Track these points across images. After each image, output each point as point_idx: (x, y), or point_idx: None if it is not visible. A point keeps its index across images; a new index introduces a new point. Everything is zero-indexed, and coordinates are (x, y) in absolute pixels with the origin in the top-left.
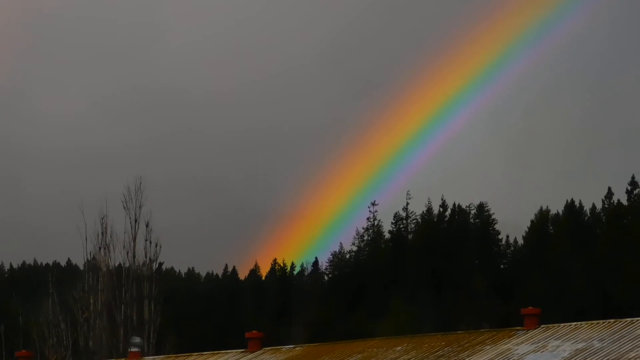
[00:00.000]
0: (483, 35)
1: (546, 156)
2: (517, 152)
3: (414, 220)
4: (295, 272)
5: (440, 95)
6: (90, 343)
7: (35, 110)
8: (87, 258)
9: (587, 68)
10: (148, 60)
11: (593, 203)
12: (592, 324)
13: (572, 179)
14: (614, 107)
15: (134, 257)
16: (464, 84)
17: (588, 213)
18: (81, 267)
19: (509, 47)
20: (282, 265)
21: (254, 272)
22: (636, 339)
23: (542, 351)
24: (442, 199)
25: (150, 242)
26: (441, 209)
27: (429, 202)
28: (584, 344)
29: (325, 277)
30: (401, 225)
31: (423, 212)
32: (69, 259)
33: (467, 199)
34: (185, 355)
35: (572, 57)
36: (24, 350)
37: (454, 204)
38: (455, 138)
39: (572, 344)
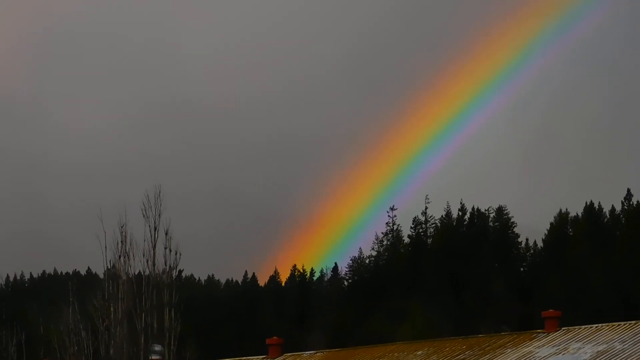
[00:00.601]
0: (499, 37)
1: (565, 158)
2: (535, 154)
3: (433, 224)
4: (314, 278)
5: (457, 99)
6: (111, 351)
7: (56, 124)
8: (107, 266)
9: (603, 69)
10: (166, 72)
11: (612, 205)
12: (613, 325)
13: (590, 180)
14: (632, 107)
15: (153, 265)
16: (480, 86)
17: (607, 215)
18: (101, 276)
19: (524, 49)
20: (301, 271)
21: (274, 278)
22: None
23: (564, 354)
24: (461, 203)
25: (170, 250)
26: (460, 213)
27: (448, 206)
28: (605, 346)
29: (345, 283)
30: (420, 230)
31: (442, 216)
32: (88, 267)
33: (486, 202)
34: None
35: (588, 58)
36: (45, 359)
37: (473, 208)
38: (472, 141)
39: (593, 346)
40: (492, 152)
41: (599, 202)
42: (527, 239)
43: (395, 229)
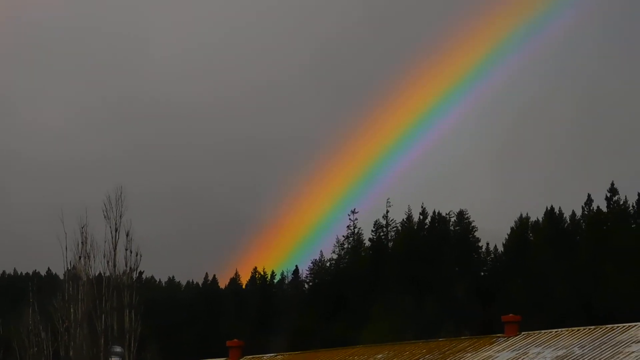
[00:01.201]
0: (467, 41)
1: (526, 164)
2: (497, 160)
3: (394, 228)
4: (275, 281)
5: (422, 104)
6: (71, 352)
7: (19, 120)
8: (67, 267)
9: (573, 78)
10: (131, 71)
11: (573, 210)
12: (572, 330)
13: (552, 186)
14: (597, 114)
15: (114, 266)
16: (446, 92)
17: (568, 220)
18: (61, 277)
19: (494, 53)
20: (262, 273)
21: (234, 280)
22: (617, 346)
23: (523, 358)
24: (422, 207)
25: (131, 251)
26: (421, 217)
27: (409, 210)
28: (565, 350)
29: (306, 285)
30: (381, 233)
31: (403, 219)
32: (49, 268)
33: (447, 207)
34: None
35: (558, 64)
36: None
37: (434, 212)
38: (435, 146)
39: (552, 350)
40: (455, 158)
41: (560, 207)
42: (487, 244)
43: (356, 232)
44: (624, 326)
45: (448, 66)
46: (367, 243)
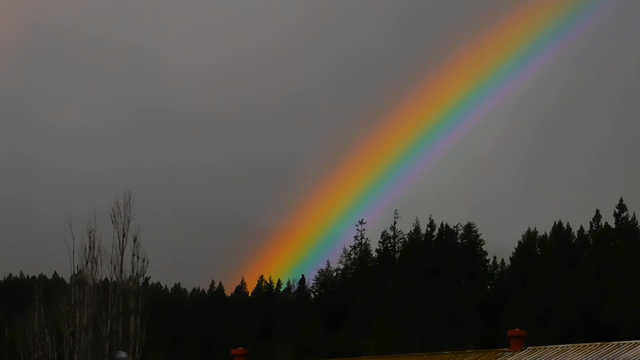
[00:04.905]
0: (484, 50)
1: (535, 179)
2: (506, 174)
3: (402, 240)
4: (281, 289)
5: (431, 116)
6: (76, 357)
7: (39, 125)
8: (74, 272)
9: (588, 99)
10: (151, 82)
11: (581, 225)
12: (578, 346)
13: (560, 201)
14: (605, 133)
15: (121, 271)
16: (456, 104)
17: (575, 235)
18: (67, 281)
19: (499, 69)
20: (268, 282)
21: (240, 288)
22: None
23: None
24: (429, 219)
25: (138, 257)
26: (429, 229)
27: (417, 222)
28: None
29: (312, 295)
30: (388, 244)
31: (410, 231)
32: (55, 272)
33: (455, 219)
34: None
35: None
36: None
37: (442, 224)
38: (444, 158)
39: None
40: (463, 170)
41: (568, 223)
42: (494, 257)
43: (363, 242)
44: (630, 343)
45: (459, 78)
46: (374, 254)
